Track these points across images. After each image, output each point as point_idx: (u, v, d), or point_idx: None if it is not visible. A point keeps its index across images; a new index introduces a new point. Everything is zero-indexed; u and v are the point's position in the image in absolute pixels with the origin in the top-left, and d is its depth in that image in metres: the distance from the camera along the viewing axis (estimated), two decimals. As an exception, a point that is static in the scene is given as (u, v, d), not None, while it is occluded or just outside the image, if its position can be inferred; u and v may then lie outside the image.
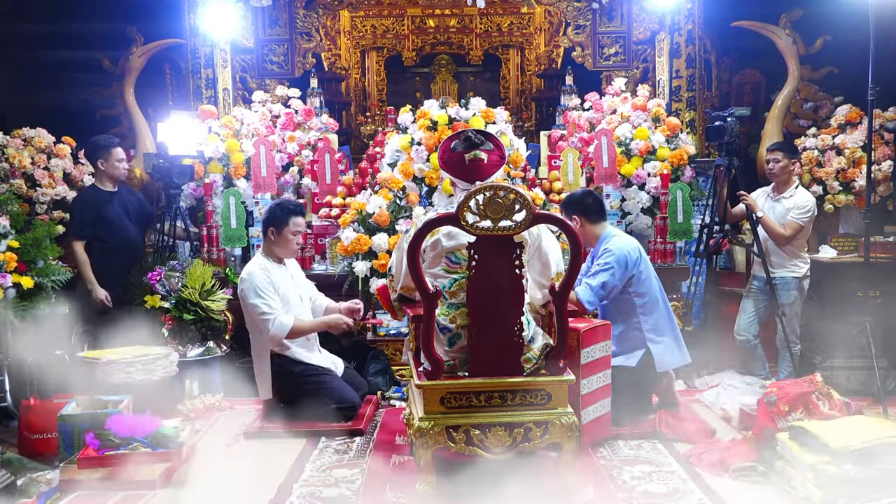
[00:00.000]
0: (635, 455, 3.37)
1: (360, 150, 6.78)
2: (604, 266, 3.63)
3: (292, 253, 3.94)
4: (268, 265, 3.82)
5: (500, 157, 3.13)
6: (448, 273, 2.96)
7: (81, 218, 4.54)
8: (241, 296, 3.77)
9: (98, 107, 6.27)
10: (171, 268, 4.33)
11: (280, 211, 3.83)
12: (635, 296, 3.69)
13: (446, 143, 3.15)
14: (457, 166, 3.09)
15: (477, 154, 3.05)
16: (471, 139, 3.08)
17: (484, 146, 3.08)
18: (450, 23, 7.47)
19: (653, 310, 3.69)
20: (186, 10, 5.94)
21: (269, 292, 3.70)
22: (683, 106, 6.01)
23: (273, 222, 3.81)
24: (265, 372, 3.78)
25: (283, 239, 3.82)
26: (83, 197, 4.68)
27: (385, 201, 4.69)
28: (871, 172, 4.25)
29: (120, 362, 3.77)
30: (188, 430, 3.37)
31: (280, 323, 3.65)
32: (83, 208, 4.58)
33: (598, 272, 3.63)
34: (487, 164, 3.07)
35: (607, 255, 3.65)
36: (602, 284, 3.60)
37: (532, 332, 2.97)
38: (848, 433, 2.84)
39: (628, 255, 3.65)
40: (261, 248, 3.96)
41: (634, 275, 3.67)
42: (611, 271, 3.61)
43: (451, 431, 2.82)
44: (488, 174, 3.08)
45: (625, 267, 3.63)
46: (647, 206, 5.11)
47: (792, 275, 4.52)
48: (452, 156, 3.10)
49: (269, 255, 3.88)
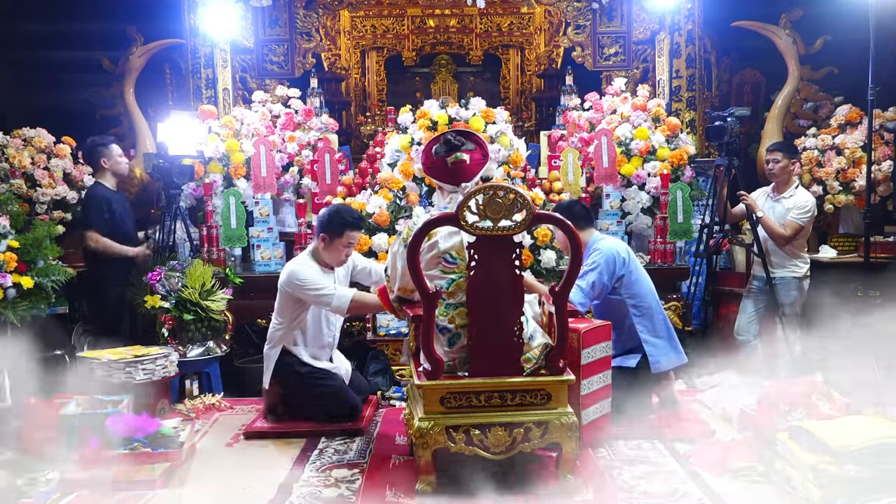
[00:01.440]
0: (635, 455, 3.36)
1: (360, 150, 6.78)
2: (591, 266, 3.66)
3: (339, 263, 3.81)
4: (313, 266, 3.72)
5: (484, 154, 3.13)
6: (445, 274, 2.96)
7: (99, 209, 4.55)
8: (285, 285, 3.68)
9: (98, 107, 6.27)
10: (171, 268, 4.34)
11: (338, 221, 3.67)
12: (627, 297, 3.70)
13: (427, 148, 3.16)
14: (440, 170, 3.09)
15: (458, 156, 3.04)
16: (450, 142, 3.07)
17: (465, 147, 3.07)
18: (450, 23, 7.46)
19: (646, 311, 3.71)
20: (186, 10, 5.94)
21: (318, 278, 3.65)
22: (683, 106, 6.02)
23: (328, 229, 3.68)
24: (271, 363, 3.78)
25: (333, 248, 3.70)
26: (95, 191, 4.67)
27: (385, 201, 4.69)
28: (871, 172, 4.26)
29: (120, 362, 3.77)
30: (188, 430, 3.37)
31: (341, 295, 3.58)
32: (98, 201, 4.58)
33: (586, 272, 3.65)
34: (471, 165, 3.07)
35: (595, 255, 3.69)
36: (591, 284, 3.63)
37: (531, 330, 2.97)
38: (848, 433, 2.84)
39: (616, 255, 3.68)
40: (309, 248, 3.85)
41: (624, 275, 3.69)
42: (598, 269, 3.64)
43: (451, 431, 2.82)
44: (472, 174, 3.08)
45: (613, 266, 3.66)
46: (647, 206, 5.11)
47: (792, 275, 4.52)
48: (435, 161, 3.10)
49: (316, 258, 3.77)
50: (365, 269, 3.97)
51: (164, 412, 3.90)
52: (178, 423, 3.45)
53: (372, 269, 3.98)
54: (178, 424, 3.41)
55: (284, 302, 3.74)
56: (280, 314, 3.77)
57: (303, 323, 3.77)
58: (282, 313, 3.76)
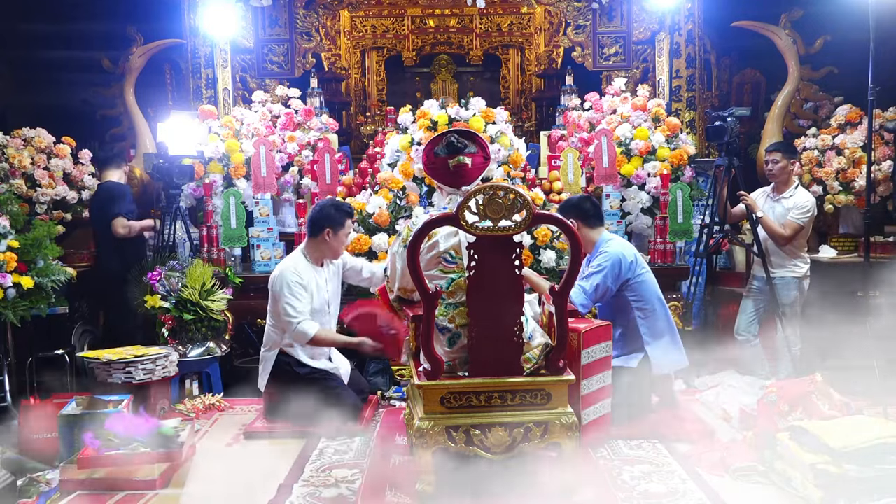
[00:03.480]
0: (635, 455, 3.37)
1: (360, 150, 6.78)
2: (597, 269, 3.67)
3: (338, 255, 3.89)
4: (303, 266, 3.77)
5: (485, 157, 3.11)
6: (444, 273, 2.96)
7: (125, 198, 4.85)
8: (272, 287, 3.73)
9: (98, 107, 6.26)
10: (171, 268, 4.34)
11: (337, 212, 3.77)
12: (632, 299, 3.71)
13: (429, 147, 3.12)
14: (441, 172, 3.07)
15: (461, 160, 3.03)
16: (453, 144, 3.04)
17: (467, 150, 3.05)
18: (450, 23, 7.46)
19: (650, 313, 3.71)
20: (186, 10, 5.94)
21: (301, 293, 3.67)
22: (683, 106, 6.02)
23: (330, 222, 3.75)
24: (268, 364, 3.78)
25: (338, 239, 3.77)
26: (115, 185, 4.92)
27: (385, 201, 4.69)
28: (871, 172, 4.25)
29: (120, 362, 3.77)
30: (188, 430, 3.37)
31: (302, 329, 3.64)
32: (124, 192, 4.89)
33: (591, 274, 3.67)
34: (472, 168, 3.05)
35: (602, 258, 3.69)
36: (595, 287, 3.64)
37: (530, 330, 2.97)
38: (848, 433, 2.84)
39: (623, 260, 3.67)
40: (301, 247, 3.89)
41: (630, 279, 3.69)
42: (603, 273, 3.64)
43: (451, 431, 2.82)
44: (473, 178, 3.07)
45: (619, 270, 3.66)
46: (647, 206, 5.11)
47: (792, 275, 4.52)
48: (436, 161, 3.07)
49: (308, 256, 3.81)
50: (355, 267, 4.02)
51: (164, 412, 3.90)
52: (178, 423, 3.45)
53: (362, 266, 4.03)
54: (178, 424, 3.41)
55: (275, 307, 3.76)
56: (273, 316, 3.78)
57: None
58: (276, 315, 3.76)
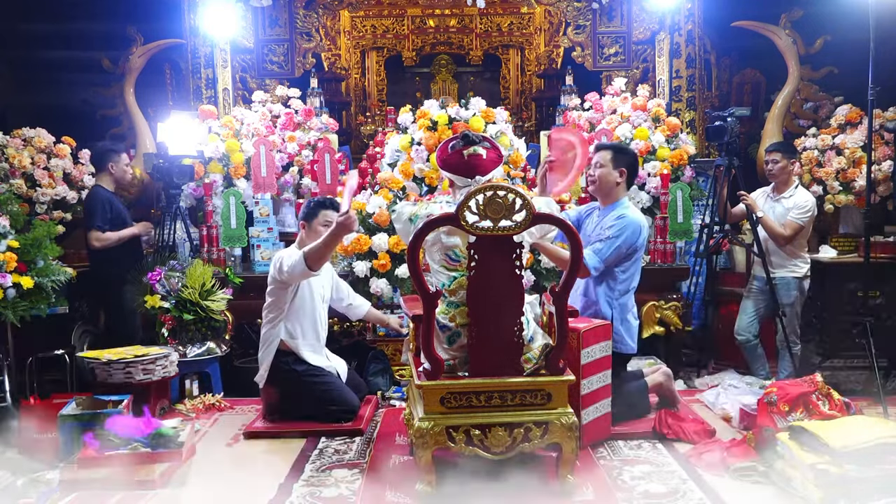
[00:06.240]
0: (635, 455, 3.37)
1: (360, 150, 6.78)
2: (616, 232, 3.57)
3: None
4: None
5: (498, 155, 3.18)
6: (447, 271, 2.97)
7: (102, 209, 4.63)
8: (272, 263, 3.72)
9: (98, 107, 6.26)
10: (171, 268, 4.34)
11: (312, 204, 3.83)
12: (620, 271, 3.66)
13: (445, 144, 3.19)
14: (455, 164, 3.12)
15: (476, 150, 3.09)
16: (468, 136, 3.14)
17: (482, 144, 3.14)
18: (450, 23, 7.46)
19: (626, 290, 3.68)
20: (186, 10, 5.93)
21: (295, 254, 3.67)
22: (683, 106, 6.01)
23: (304, 216, 3.81)
24: (267, 360, 3.78)
25: (313, 232, 3.74)
26: (97, 193, 4.74)
27: (385, 201, 4.69)
28: (871, 172, 4.25)
29: (120, 362, 3.77)
30: (188, 430, 3.37)
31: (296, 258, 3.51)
32: (100, 202, 4.66)
33: (608, 237, 3.58)
34: (486, 160, 3.10)
35: (621, 221, 3.60)
36: (612, 250, 3.55)
37: (531, 331, 2.97)
38: (848, 433, 2.85)
39: (641, 229, 3.62)
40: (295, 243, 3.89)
41: (637, 251, 3.64)
42: (623, 237, 3.55)
43: (451, 431, 2.82)
44: (487, 170, 3.10)
45: (636, 237, 3.59)
46: (647, 206, 5.11)
47: (792, 275, 4.52)
48: (451, 154, 3.13)
49: None
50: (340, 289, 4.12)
51: (164, 412, 3.90)
52: (178, 423, 3.45)
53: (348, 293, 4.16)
54: (178, 424, 3.41)
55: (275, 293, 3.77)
56: (271, 309, 3.79)
57: (296, 312, 3.77)
58: (275, 305, 3.77)
